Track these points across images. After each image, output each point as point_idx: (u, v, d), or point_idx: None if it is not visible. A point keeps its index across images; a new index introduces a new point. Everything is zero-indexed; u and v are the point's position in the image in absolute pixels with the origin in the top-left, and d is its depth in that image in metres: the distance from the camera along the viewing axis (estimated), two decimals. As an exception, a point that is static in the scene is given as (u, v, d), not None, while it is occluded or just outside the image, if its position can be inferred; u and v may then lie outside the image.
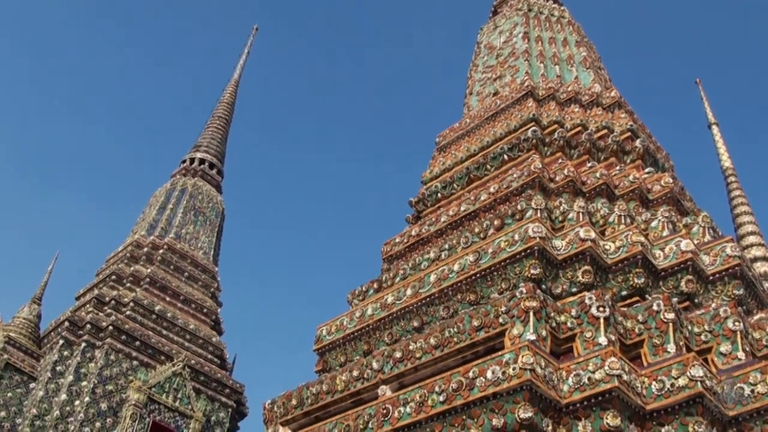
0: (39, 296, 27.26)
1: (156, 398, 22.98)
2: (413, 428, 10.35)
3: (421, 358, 11.43)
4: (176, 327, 25.99)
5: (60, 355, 23.65)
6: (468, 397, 9.69)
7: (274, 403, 13.88)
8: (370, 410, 11.09)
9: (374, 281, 14.59)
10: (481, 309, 10.81)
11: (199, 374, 24.79)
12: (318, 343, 14.36)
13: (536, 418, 9.13)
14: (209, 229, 31.04)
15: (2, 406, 22.86)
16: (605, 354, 9.22)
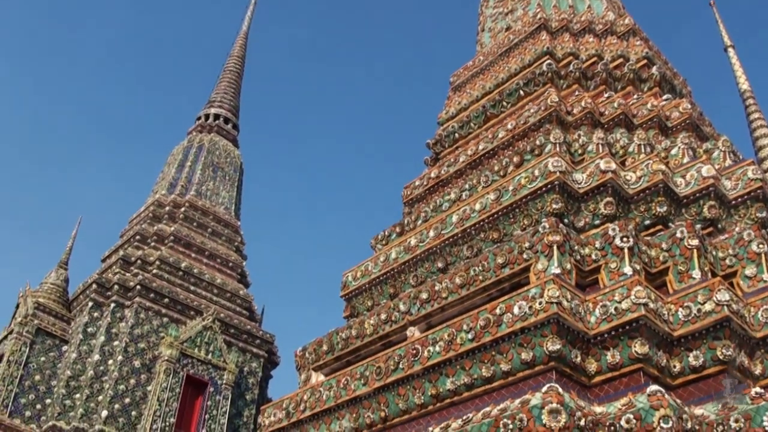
0: (65, 261, 27.55)
1: (188, 353, 23.30)
2: (443, 367, 10.47)
3: (447, 298, 11.52)
4: (203, 282, 26.24)
5: (90, 317, 23.97)
6: (496, 334, 9.78)
7: (306, 349, 14.07)
8: (400, 351, 11.23)
9: (396, 225, 14.65)
10: (505, 246, 10.84)
11: (229, 327, 25.09)
12: (344, 290, 14.49)
13: (565, 350, 9.21)
14: (229, 184, 31.12)
15: (36, 370, 23.27)
16: (631, 283, 9.25)
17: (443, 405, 10.53)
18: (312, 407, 12.62)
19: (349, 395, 11.94)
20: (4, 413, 22.12)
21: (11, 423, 22.09)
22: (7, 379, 22.62)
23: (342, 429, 12.02)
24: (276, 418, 13.40)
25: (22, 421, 22.39)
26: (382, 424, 11.40)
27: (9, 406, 22.34)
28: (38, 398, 22.96)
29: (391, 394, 11.26)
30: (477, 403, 10.03)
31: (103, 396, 22.30)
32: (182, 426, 22.32)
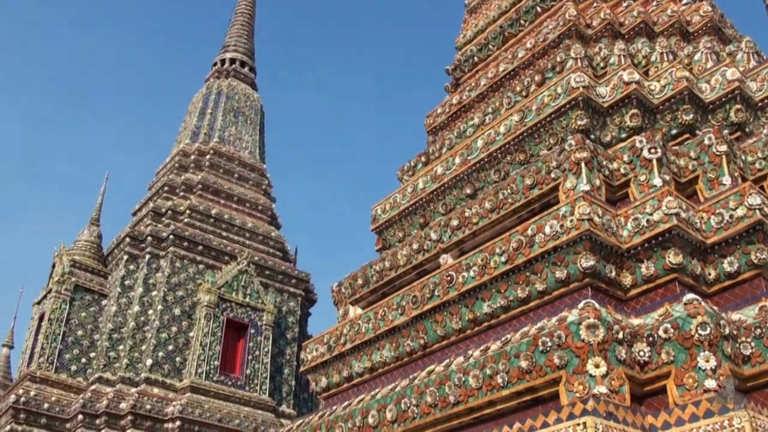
0: (96, 218, 27.81)
1: (226, 297, 23.61)
2: (478, 291, 10.55)
3: (478, 223, 11.54)
4: (235, 227, 26.43)
5: (126, 270, 24.29)
6: (529, 255, 9.81)
7: (341, 284, 14.20)
8: (435, 279, 11.31)
9: (421, 155, 14.62)
10: (532, 167, 10.80)
11: (264, 269, 25.34)
12: (374, 223, 14.55)
13: (599, 266, 9.22)
14: (251, 127, 31.10)
15: (78, 326, 23.71)
16: (661, 194, 9.20)
17: (481, 328, 10.64)
18: (352, 340, 12.80)
19: (387, 326, 12.09)
20: (50, 369, 22.63)
21: (58, 378, 22.62)
22: (51, 336, 23.08)
23: (383, 359, 12.19)
24: (318, 353, 13.61)
25: (69, 375, 22.92)
26: (421, 351, 11.55)
27: (54, 362, 22.83)
28: (82, 353, 23.45)
29: (428, 322, 11.38)
30: (514, 324, 10.12)
31: (146, 345, 22.72)
32: (226, 368, 22.75)
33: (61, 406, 21.81)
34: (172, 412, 20.81)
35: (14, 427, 21.10)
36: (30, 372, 22.39)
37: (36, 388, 21.94)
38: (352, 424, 11.44)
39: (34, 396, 21.62)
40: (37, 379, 22.26)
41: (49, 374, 22.48)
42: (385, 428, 10.83)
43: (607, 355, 8.27)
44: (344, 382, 13.12)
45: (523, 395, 9.11)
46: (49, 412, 21.61)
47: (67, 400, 22.11)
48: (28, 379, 22.29)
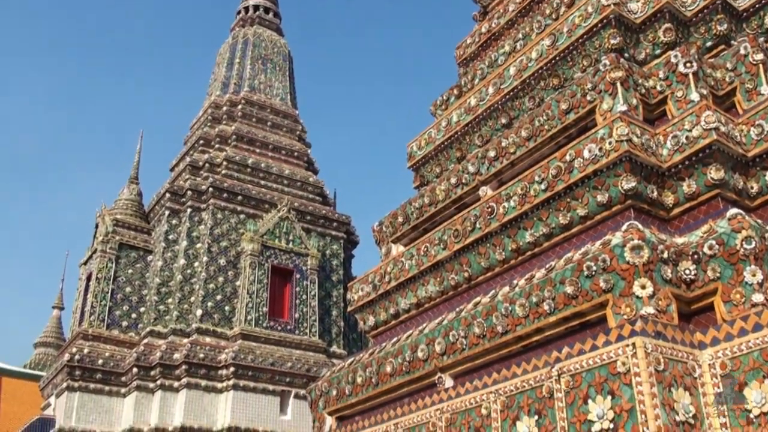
0: (135, 176, 28.03)
1: (269, 244, 23.81)
2: (520, 220, 10.53)
3: (515, 153, 11.47)
4: (272, 175, 26.52)
5: (169, 225, 24.55)
6: (569, 180, 9.74)
7: (382, 224, 14.25)
8: (475, 212, 11.30)
9: (454, 87, 14.50)
10: (567, 91, 10.67)
11: (304, 214, 25.48)
12: (411, 160, 14.52)
13: (640, 187, 9.14)
14: (280, 74, 31.00)
15: (126, 283, 24.09)
16: (699, 109, 9.06)
17: (525, 257, 10.64)
18: (396, 277, 12.89)
19: (430, 261, 12.14)
20: (102, 327, 23.07)
21: (110, 334, 23.08)
22: (99, 295, 23.50)
23: (428, 294, 12.27)
24: (364, 292, 13.73)
25: (120, 331, 23.37)
26: (466, 283, 11.60)
27: (105, 319, 23.27)
28: (132, 308, 23.87)
29: (471, 254, 11.41)
30: (558, 251, 10.11)
31: (194, 297, 23.06)
32: (275, 314, 23.04)
33: (115, 361, 22.29)
34: (225, 359, 21.20)
35: (70, 384, 21.67)
36: (82, 330, 22.86)
37: (89, 346, 22.43)
38: (402, 359, 11.57)
39: (88, 353, 22.12)
40: (90, 337, 22.73)
41: (101, 331, 22.94)
42: (435, 361, 10.94)
43: (652, 275, 8.24)
44: (391, 319, 13.25)
45: (570, 321, 9.13)
46: (104, 368, 22.11)
47: (120, 354, 22.58)
48: (81, 337, 22.76)
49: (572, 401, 7.76)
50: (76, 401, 21.76)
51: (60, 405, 22.65)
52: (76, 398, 21.80)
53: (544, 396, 8.12)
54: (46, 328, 41.39)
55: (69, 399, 21.92)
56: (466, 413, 9.13)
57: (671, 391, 7.10)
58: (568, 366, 7.91)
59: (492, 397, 8.80)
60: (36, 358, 39.08)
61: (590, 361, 7.66)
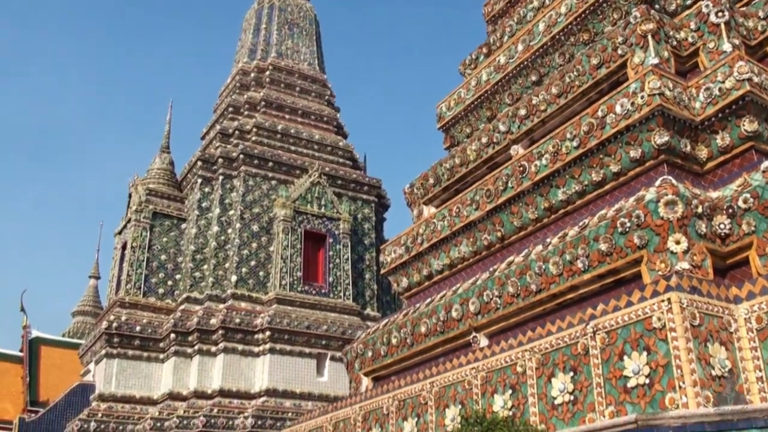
0: (166, 145, 28.11)
1: (302, 209, 23.84)
2: (552, 178, 10.48)
3: (546, 110, 11.38)
4: (302, 140, 26.51)
5: (202, 193, 24.65)
6: (601, 137, 9.67)
7: (413, 185, 14.25)
8: (507, 171, 11.26)
9: (482, 46, 14.36)
10: (598, 45, 10.54)
11: (335, 179, 25.46)
12: (441, 121, 14.47)
13: (673, 141, 9.05)
14: (307, 39, 30.86)
15: (161, 251, 24.26)
16: (732, 60, 8.92)
17: (558, 216, 10.60)
18: (429, 239, 12.91)
19: (463, 222, 12.14)
20: (138, 294, 23.31)
21: (147, 302, 23.31)
22: (135, 263, 23.70)
23: (461, 254, 12.28)
24: (397, 255, 13.78)
25: (157, 298, 23.58)
26: (499, 243, 11.59)
27: (142, 287, 23.48)
28: (168, 276, 24.06)
29: (504, 214, 11.39)
30: (591, 209, 10.06)
31: (229, 263, 23.21)
32: (309, 278, 23.15)
33: (153, 327, 22.54)
34: (261, 323, 21.37)
35: (109, 351, 21.97)
36: (119, 299, 23.12)
37: (126, 313, 22.67)
38: (436, 319, 11.63)
39: (126, 320, 22.38)
40: (127, 305, 22.98)
41: (137, 299, 23.17)
42: (469, 321, 10.98)
43: (687, 230, 8.19)
44: (425, 281, 13.30)
45: (604, 278, 9.11)
46: (142, 334, 22.37)
47: (158, 321, 22.82)
48: (118, 305, 23.02)
49: (608, 357, 7.76)
50: (115, 367, 22.09)
51: (99, 371, 23.02)
52: (114, 364, 22.13)
53: (580, 353, 8.12)
54: (83, 297, 41.92)
55: (108, 365, 22.26)
56: (501, 371, 9.17)
57: (707, 346, 7.07)
58: (603, 323, 7.91)
59: (527, 355, 8.83)
60: (74, 327, 39.63)
61: (625, 318, 7.65)
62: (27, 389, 28.26)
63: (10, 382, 29.78)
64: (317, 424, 12.86)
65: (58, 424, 23.78)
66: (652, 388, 7.21)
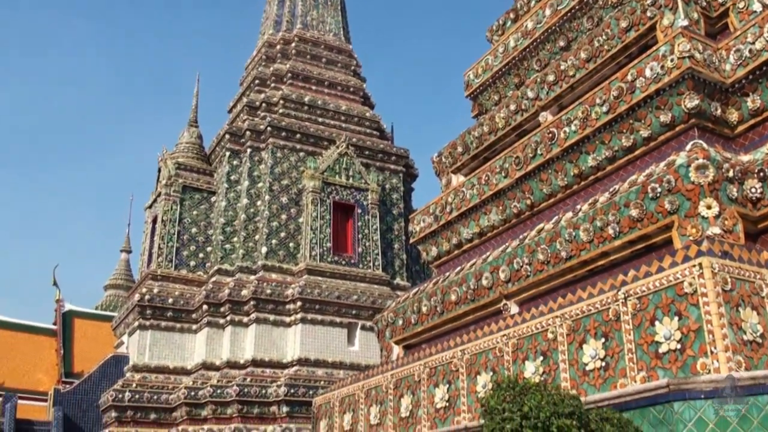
0: (194, 119, 28.20)
1: (330, 181, 23.89)
2: (582, 145, 10.43)
3: (575, 75, 11.30)
4: (329, 112, 26.51)
5: (231, 166, 24.76)
6: (631, 101, 9.59)
7: (441, 154, 14.23)
8: (536, 138, 11.21)
9: (509, 11, 14.24)
10: (626, 8, 10.43)
11: (363, 150, 25.46)
12: (468, 89, 14.40)
13: (703, 105, 8.97)
14: (332, 9, 30.75)
15: (191, 224, 24.44)
16: (762, 20, 8.80)
17: (588, 182, 10.56)
18: (458, 207, 12.91)
19: (492, 190, 12.12)
20: (170, 267, 23.52)
21: (179, 274, 23.54)
22: (166, 237, 23.91)
23: (491, 222, 12.28)
24: (426, 224, 13.79)
25: (189, 271, 23.80)
26: (529, 211, 11.57)
27: (173, 260, 23.70)
28: (199, 248, 24.26)
29: (533, 182, 11.35)
30: (621, 174, 10.01)
31: (259, 235, 23.35)
32: (339, 248, 23.23)
33: (185, 299, 22.78)
34: (292, 294, 21.52)
35: (142, 323, 22.24)
36: (151, 271, 23.35)
37: (159, 286, 22.92)
38: (467, 287, 11.66)
39: (158, 293, 22.61)
40: (159, 277, 23.21)
41: (169, 272, 23.40)
42: (500, 289, 11.00)
43: (718, 195, 8.13)
44: (454, 249, 13.32)
45: (635, 244, 9.09)
46: (174, 306, 22.61)
47: (189, 293, 23.05)
48: (150, 278, 23.26)
49: (639, 323, 7.76)
50: (149, 339, 22.38)
51: (132, 343, 23.36)
52: (148, 336, 22.42)
53: (611, 319, 8.13)
54: (115, 270, 42.44)
55: (141, 337, 22.55)
56: (532, 338, 9.20)
57: (738, 311, 7.05)
58: (635, 288, 7.90)
59: (558, 321, 8.84)
60: (106, 300, 40.20)
61: (656, 283, 7.64)
62: (61, 361, 28.74)
63: (45, 355, 30.31)
64: (349, 391, 12.98)
65: (92, 395, 24.23)
66: (684, 353, 7.21)
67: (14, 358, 29.45)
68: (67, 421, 23.50)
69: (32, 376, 28.93)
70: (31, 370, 29.35)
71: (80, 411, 24.16)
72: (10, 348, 29.81)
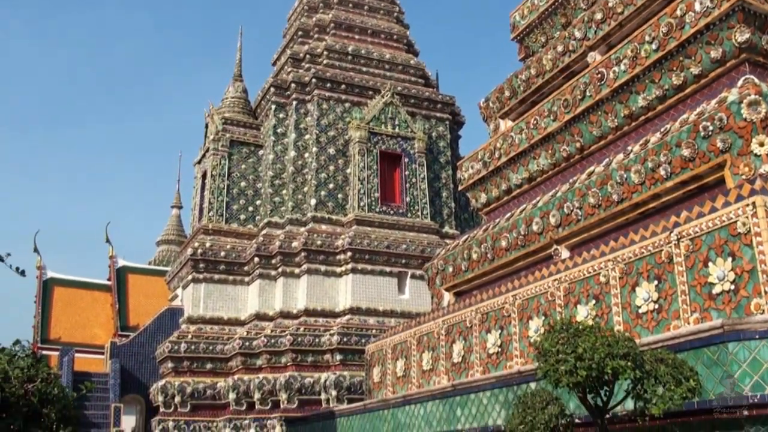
0: (238, 74, 28.23)
1: (376, 130, 23.82)
2: (631, 84, 10.26)
3: (623, 12, 11.07)
4: (373, 61, 26.34)
5: (277, 119, 24.80)
6: (680, 38, 9.39)
7: (488, 99, 14.10)
8: (584, 79, 11.04)
9: (555, -49, 13.96)
10: (674, -56, 10.16)
11: (408, 98, 25.30)
12: (514, 31, 14.20)
13: (754, 38, 8.76)
14: (373, -44, 30.36)
15: (240, 178, 24.62)
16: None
17: (638, 123, 10.40)
18: (507, 152, 12.82)
19: (541, 134, 12.00)
20: (221, 221, 23.79)
21: (230, 228, 23.81)
22: (216, 191, 24.14)
23: (540, 167, 12.18)
24: (474, 170, 13.73)
25: (239, 224, 24.04)
26: (579, 154, 11.45)
27: (224, 214, 23.96)
28: (248, 202, 24.45)
29: (583, 124, 11.22)
30: (672, 114, 9.84)
31: (307, 187, 23.44)
32: (387, 198, 23.23)
33: (237, 252, 23.06)
34: (342, 244, 21.63)
35: (195, 276, 22.61)
36: (202, 226, 23.64)
37: (210, 240, 23.22)
38: (517, 233, 11.63)
39: (210, 246, 22.92)
40: (210, 231, 23.51)
41: (220, 226, 23.67)
42: (550, 234, 10.95)
43: (772, 131, 7.98)
44: (503, 195, 13.26)
45: (687, 184, 8.96)
46: (226, 259, 22.92)
47: (241, 246, 23.32)
48: (202, 232, 23.55)
49: (692, 265, 7.69)
50: (202, 291, 22.76)
51: (186, 296, 23.78)
52: (201, 289, 22.80)
53: (664, 261, 8.06)
54: (167, 226, 42.95)
55: (195, 290, 22.95)
56: (584, 282, 9.17)
57: (794, 249, 6.95)
58: (687, 230, 7.81)
59: (610, 265, 8.80)
60: (159, 255, 40.77)
61: (709, 224, 7.54)
62: (117, 315, 29.34)
63: (100, 310, 30.96)
64: (402, 338, 13.10)
65: (148, 347, 24.79)
66: (737, 294, 7.14)
67: (71, 314, 30.11)
68: (124, 372, 24.11)
69: (89, 331, 29.58)
70: (88, 325, 30.01)
71: (136, 363, 24.74)
72: (67, 304, 30.47)
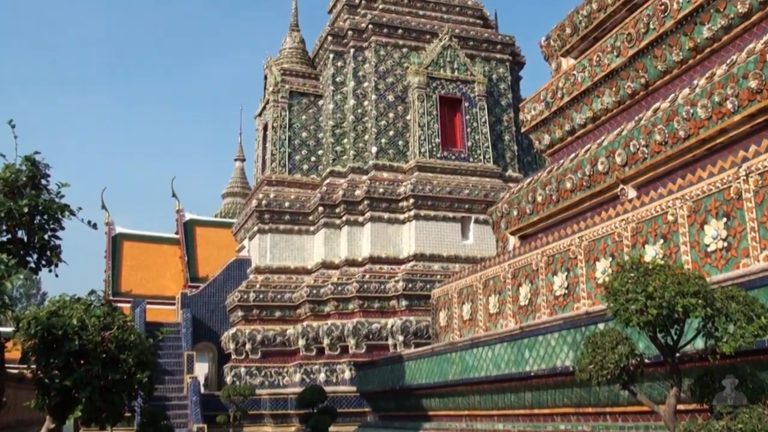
0: (294, 23, 28.14)
1: (435, 75, 23.64)
2: (696, 15, 9.98)
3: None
4: (429, 3, 26.03)
5: (335, 68, 24.76)
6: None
7: (549, 37, 13.83)
8: (648, 11, 10.75)
9: None
10: None
11: (467, 40, 24.99)
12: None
13: (830, -37, 8.40)
14: None
15: (301, 128, 24.72)
16: None
17: (704, 55, 10.11)
18: (569, 92, 12.59)
19: (604, 71, 11.75)
20: (284, 172, 24.00)
21: (293, 179, 24.01)
22: (278, 143, 24.30)
23: (604, 105, 11.95)
24: (537, 111, 13.54)
25: (302, 174, 24.22)
26: (643, 90, 11.19)
27: (286, 165, 24.15)
28: (310, 152, 24.59)
29: (647, 58, 10.95)
30: (738, 44, 9.54)
31: (368, 135, 23.44)
32: (448, 143, 23.12)
33: (301, 202, 23.28)
34: (404, 191, 21.65)
35: (261, 227, 22.91)
36: (266, 177, 23.87)
37: (274, 191, 23.46)
38: (582, 174, 11.47)
39: (274, 197, 23.17)
40: (274, 183, 23.76)
41: (283, 176, 23.89)
42: (616, 173, 10.78)
43: None
44: (567, 136, 13.06)
45: (756, 117, 8.70)
46: (290, 209, 23.18)
47: (304, 196, 23.52)
48: (266, 183, 23.80)
49: (762, 201, 7.51)
50: (269, 242, 23.10)
51: (253, 246, 24.16)
52: (268, 239, 23.14)
53: (732, 197, 7.89)
54: (231, 179, 43.39)
55: (261, 240, 23.30)
56: (651, 221, 9.03)
57: None
58: (756, 165, 7.62)
59: (678, 203, 8.64)
60: (225, 208, 41.27)
61: (780, 157, 7.35)
62: (186, 267, 29.92)
63: (169, 262, 31.60)
64: (467, 282, 13.11)
65: (218, 297, 25.34)
66: (812, 228, 6.96)
67: (141, 268, 30.79)
68: (195, 321, 24.70)
69: (159, 283, 30.24)
70: (158, 277, 30.68)
71: (207, 312, 25.31)
72: (137, 258, 31.15)
